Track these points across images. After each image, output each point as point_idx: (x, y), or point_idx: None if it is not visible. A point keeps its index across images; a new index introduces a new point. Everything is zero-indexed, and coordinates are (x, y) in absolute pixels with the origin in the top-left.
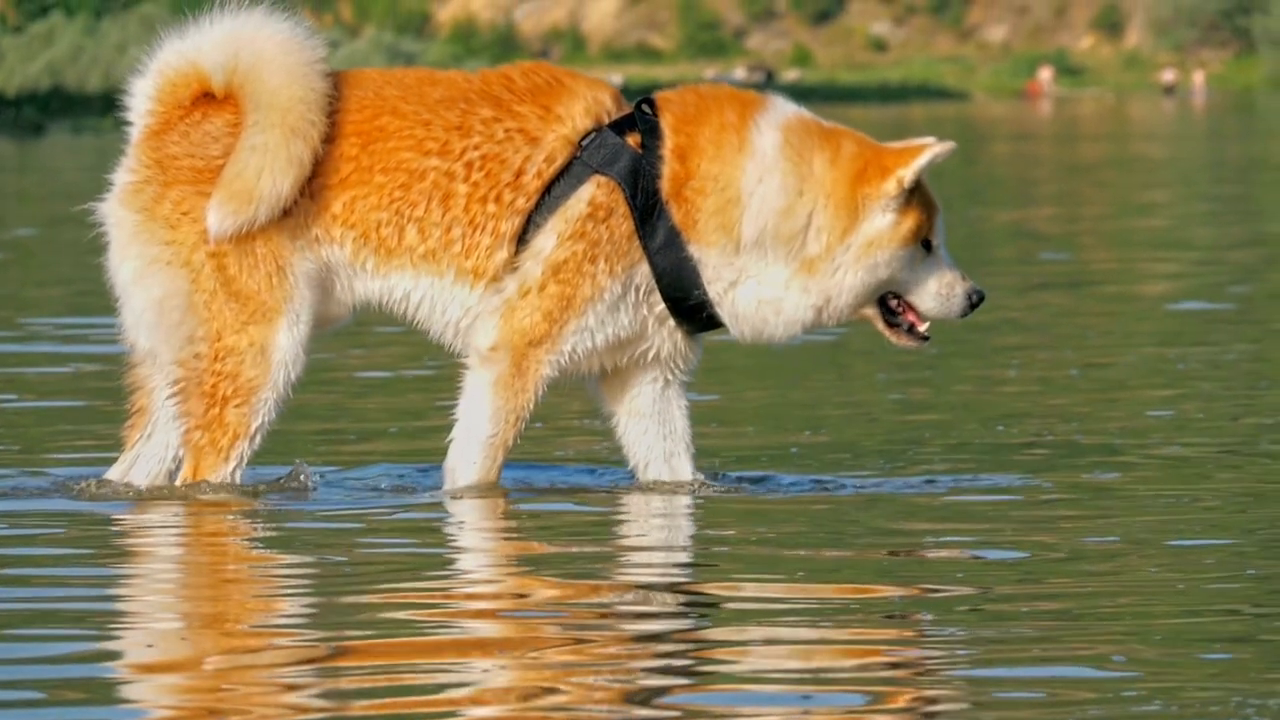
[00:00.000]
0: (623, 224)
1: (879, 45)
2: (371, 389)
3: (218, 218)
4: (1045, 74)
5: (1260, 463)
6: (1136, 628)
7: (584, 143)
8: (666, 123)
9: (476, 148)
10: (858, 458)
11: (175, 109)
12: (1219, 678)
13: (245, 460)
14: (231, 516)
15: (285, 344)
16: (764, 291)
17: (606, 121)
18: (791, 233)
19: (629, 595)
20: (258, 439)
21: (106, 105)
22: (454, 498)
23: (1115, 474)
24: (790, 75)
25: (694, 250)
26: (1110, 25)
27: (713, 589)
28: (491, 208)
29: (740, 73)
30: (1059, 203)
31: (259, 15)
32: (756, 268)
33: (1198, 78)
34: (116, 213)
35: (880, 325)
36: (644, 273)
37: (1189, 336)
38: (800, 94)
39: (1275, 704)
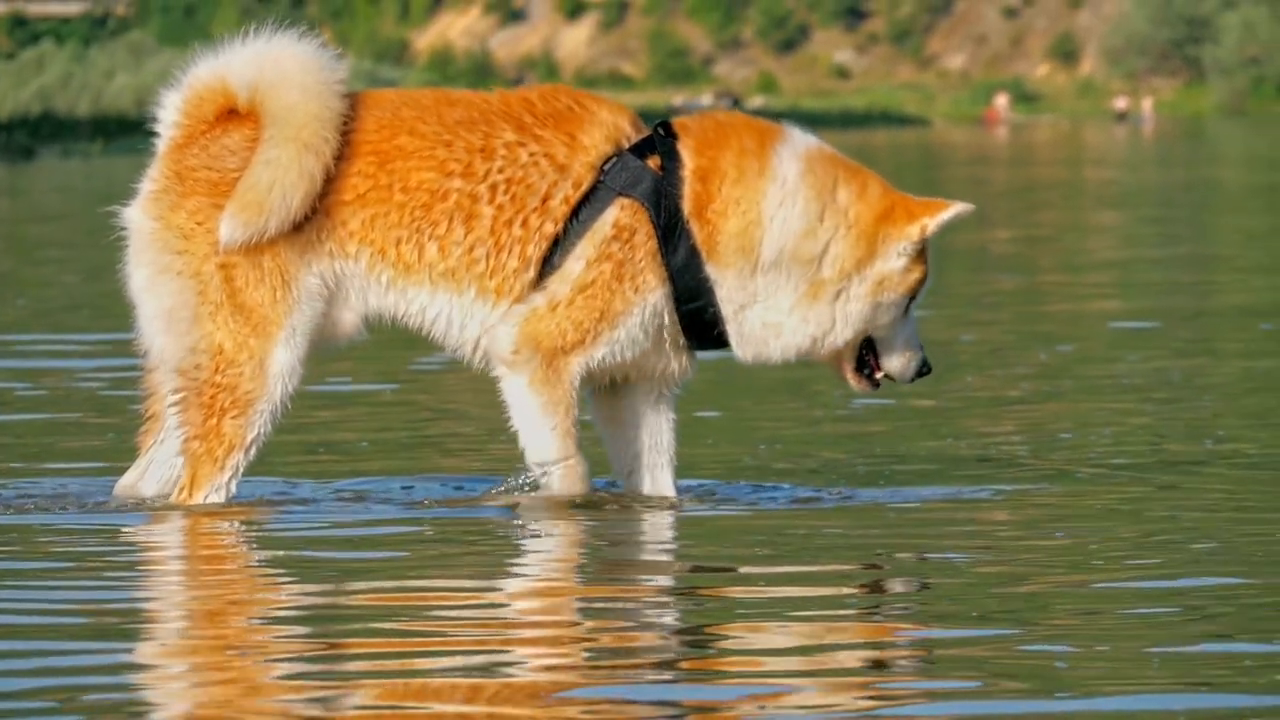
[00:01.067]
0: (646, 243)
1: (842, 73)
2: (337, 403)
3: (229, 228)
4: (1001, 100)
5: (1204, 477)
6: (1081, 636)
7: (606, 167)
8: (687, 146)
9: (500, 171)
10: (813, 471)
11: (201, 123)
12: (1162, 680)
13: (241, 471)
14: (224, 530)
15: (283, 358)
16: (769, 315)
17: (626, 145)
18: (809, 256)
19: (615, 602)
20: (253, 450)
21: (95, 130)
22: (554, 494)
23: (1062, 486)
24: (756, 102)
25: (712, 270)
26: (1065, 54)
27: (685, 598)
28: (518, 231)
29: (707, 99)
30: (1013, 224)
31: (288, 37)
32: (767, 291)
33: (1145, 105)
34: (135, 219)
35: (849, 367)
36: (667, 291)
37: (1136, 353)
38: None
39: (1219, 705)
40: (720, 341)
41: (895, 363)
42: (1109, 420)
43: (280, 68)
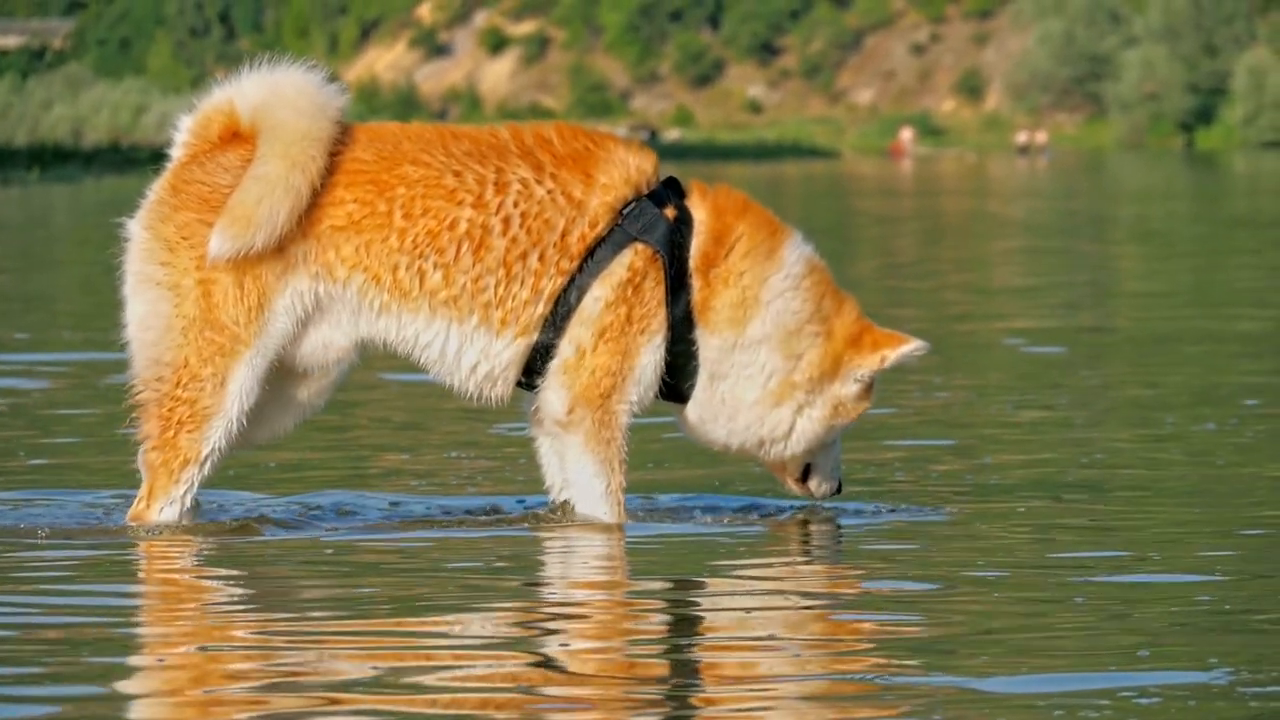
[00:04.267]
0: (655, 289)
1: (755, 107)
2: None
3: (218, 241)
4: (906, 134)
5: (1102, 493)
6: (1004, 651)
7: (624, 210)
8: (706, 206)
9: (516, 205)
10: (725, 498)
11: (206, 142)
12: (1083, 691)
13: (196, 484)
14: (179, 545)
15: (243, 376)
16: (731, 396)
17: (646, 190)
18: (790, 353)
19: (570, 622)
20: (208, 465)
21: (31, 158)
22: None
23: (954, 508)
24: (672, 135)
25: (700, 330)
26: (971, 90)
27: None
28: (534, 264)
29: (622, 131)
30: (915, 252)
31: (298, 67)
32: (738, 372)
33: (1040, 137)
34: (132, 227)
35: (792, 478)
36: (666, 337)
37: (1036, 378)
38: (681, 152)
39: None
40: (681, 397)
41: (826, 481)
42: (1010, 445)
43: (278, 90)
